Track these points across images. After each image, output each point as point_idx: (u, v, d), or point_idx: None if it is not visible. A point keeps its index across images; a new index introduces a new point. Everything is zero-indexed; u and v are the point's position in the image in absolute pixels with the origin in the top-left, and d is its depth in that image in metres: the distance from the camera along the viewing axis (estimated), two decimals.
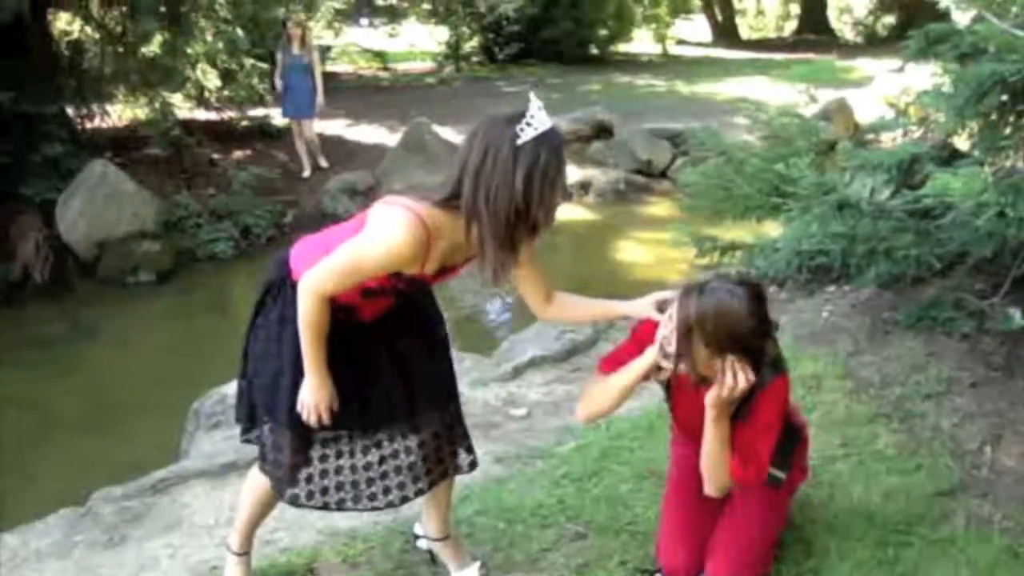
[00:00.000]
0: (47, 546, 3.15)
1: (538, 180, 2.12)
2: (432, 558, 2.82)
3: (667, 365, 2.38)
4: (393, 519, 3.08)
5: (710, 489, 2.49)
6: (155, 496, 3.40)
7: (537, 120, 2.13)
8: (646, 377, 2.49)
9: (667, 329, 2.35)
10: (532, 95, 2.19)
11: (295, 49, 9.77)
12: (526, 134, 2.11)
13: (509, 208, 2.13)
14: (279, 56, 9.94)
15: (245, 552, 2.73)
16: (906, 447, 3.37)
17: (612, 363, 2.56)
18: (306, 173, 10.03)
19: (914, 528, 2.89)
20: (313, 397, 2.35)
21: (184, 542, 3.11)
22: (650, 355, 2.42)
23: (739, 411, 2.41)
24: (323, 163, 10.21)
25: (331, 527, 3.08)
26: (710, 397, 2.35)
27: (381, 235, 2.18)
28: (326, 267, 2.24)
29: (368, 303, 2.38)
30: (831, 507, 3.01)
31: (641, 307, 2.49)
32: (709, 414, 2.38)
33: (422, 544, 2.86)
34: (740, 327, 2.26)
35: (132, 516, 3.28)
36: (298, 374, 2.37)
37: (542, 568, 2.82)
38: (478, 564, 2.77)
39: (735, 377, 2.29)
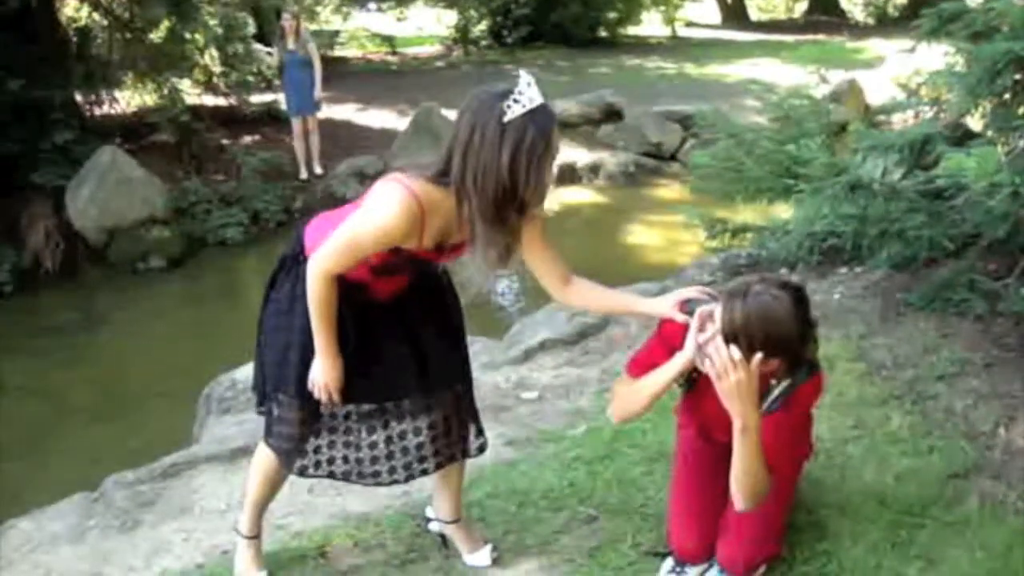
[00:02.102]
0: (61, 530, 3.17)
1: (524, 159, 2.10)
2: (444, 541, 2.83)
3: (705, 369, 2.34)
4: (404, 503, 3.09)
5: (742, 505, 2.44)
6: (167, 481, 3.41)
7: (526, 97, 2.10)
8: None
9: (709, 332, 2.31)
10: (522, 71, 2.17)
11: (290, 44, 9.44)
12: (513, 111, 2.09)
13: (496, 186, 2.12)
14: (275, 51, 9.74)
15: (255, 535, 2.74)
16: (919, 429, 3.35)
17: (640, 365, 2.56)
18: (302, 175, 9.70)
19: (928, 510, 2.88)
20: (324, 377, 2.37)
21: (196, 526, 3.12)
22: (679, 361, 2.40)
23: (772, 406, 2.40)
24: (318, 169, 9.72)
25: (343, 511, 3.09)
26: (735, 409, 2.30)
27: (376, 211, 2.20)
28: (328, 246, 2.26)
29: (380, 281, 2.39)
30: (844, 489, 3.00)
31: (662, 307, 2.45)
32: (735, 424, 2.32)
33: (434, 527, 2.87)
34: (784, 332, 2.24)
35: (145, 501, 3.29)
36: (306, 348, 2.39)
37: (554, 551, 2.82)
38: (490, 547, 2.77)
39: (725, 362, 2.24)
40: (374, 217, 2.20)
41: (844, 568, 2.65)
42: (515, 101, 2.09)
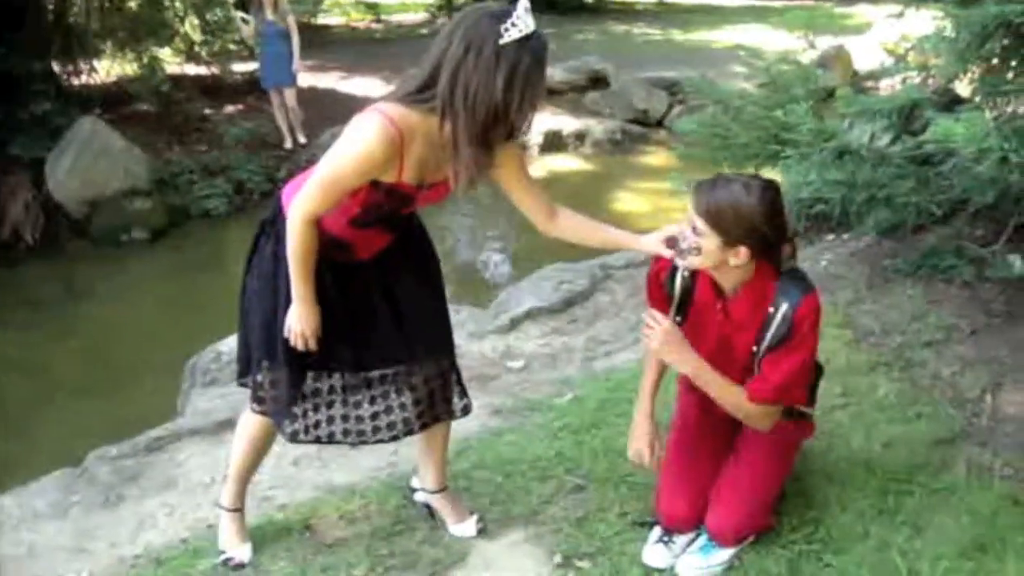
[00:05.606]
0: (44, 507, 3.14)
1: (519, 85, 2.08)
2: (430, 512, 2.81)
3: (682, 262, 2.38)
4: (389, 474, 3.08)
5: (756, 425, 2.52)
6: (151, 455, 3.39)
7: (523, 22, 2.08)
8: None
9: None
10: None
11: (268, 15, 9.14)
12: (510, 35, 2.06)
13: (487, 108, 2.09)
14: (251, 19, 9.47)
15: (238, 508, 2.72)
16: (906, 396, 3.35)
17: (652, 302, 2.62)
18: (287, 144, 9.57)
19: (915, 477, 2.88)
20: (300, 324, 2.34)
21: (181, 500, 3.10)
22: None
23: (777, 338, 2.37)
24: (301, 138, 9.53)
25: (328, 484, 3.07)
26: (680, 367, 2.45)
27: (353, 141, 2.16)
28: (308, 187, 2.22)
29: (361, 235, 2.35)
30: (831, 457, 3.00)
31: (650, 243, 2.42)
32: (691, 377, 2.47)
33: (419, 497, 2.85)
34: (754, 216, 2.27)
35: (128, 475, 3.27)
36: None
37: (541, 521, 2.81)
38: (475, 517, 2.76)
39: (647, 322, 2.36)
40: (352, 147, 2.16)
41: (832, 535, 2.65)
42: (512, 25, 2.06)
